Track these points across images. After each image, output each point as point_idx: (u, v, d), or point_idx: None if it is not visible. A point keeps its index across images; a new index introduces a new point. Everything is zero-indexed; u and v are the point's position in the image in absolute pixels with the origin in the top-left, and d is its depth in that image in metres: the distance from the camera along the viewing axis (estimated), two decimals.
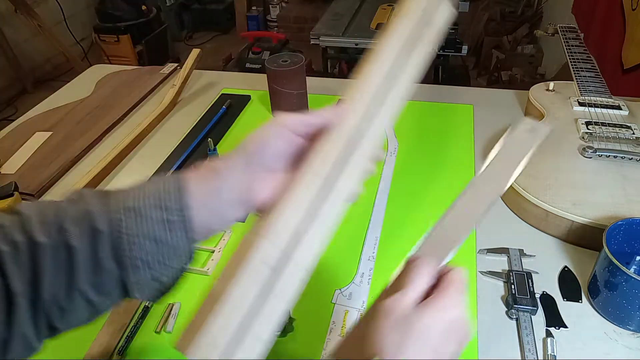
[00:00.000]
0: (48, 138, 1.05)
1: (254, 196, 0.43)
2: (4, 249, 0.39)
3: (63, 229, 0.40)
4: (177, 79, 1.19)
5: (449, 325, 0.37)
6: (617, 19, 1.59)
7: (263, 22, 3.93)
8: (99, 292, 0.41)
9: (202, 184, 0.43)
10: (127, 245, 0.41)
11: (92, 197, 0.43)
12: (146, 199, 0.42)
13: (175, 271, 0.43)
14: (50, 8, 3.20)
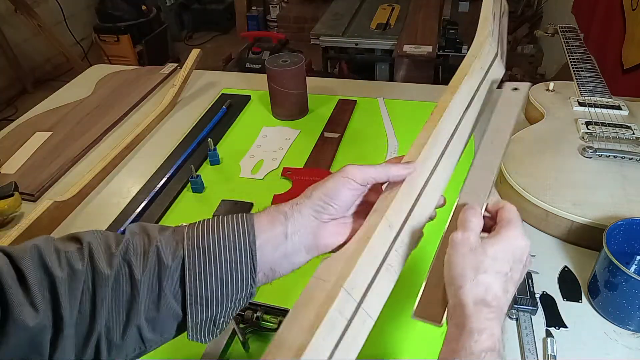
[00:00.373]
0: (48, 138, 1.05)
1: (319, 242, 0.46)
2: (59, 275, 0.38)
3: (128, 262, 0.40)
4: (177, 79, 1.19)
5: (518, 253, 0.42)
6: (617, 19, 1.59)
7: (263, 22, 3.93)
8: (154, 329, 0.42)
9: (270, 228, 0.44)
10: (192, 282, 0.41)
11: (156, 231, 0.43)
12: (215, 238, 0.42)
13: (232, 312, 0.44)
14: (50, 8, 3.20)
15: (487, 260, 0.40)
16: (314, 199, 0.45)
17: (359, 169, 0.45)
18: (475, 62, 0.55)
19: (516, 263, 0.42)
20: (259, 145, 1.01)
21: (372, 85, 1.26)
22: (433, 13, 2.48)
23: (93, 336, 0.39)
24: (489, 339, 0.37)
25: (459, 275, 0.40)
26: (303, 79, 1.07)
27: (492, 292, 0.39)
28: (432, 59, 2.09)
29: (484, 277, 0.40)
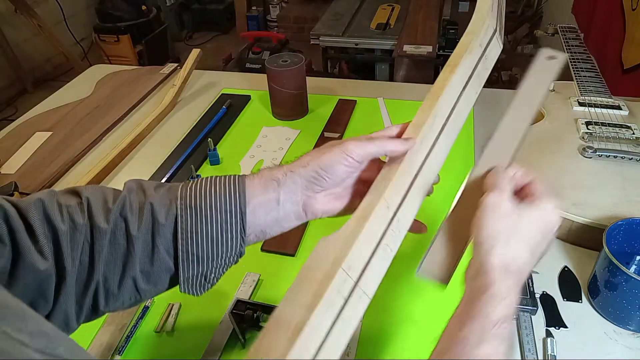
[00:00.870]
0: (48, 138, 1.05)
1: (308, 210, 0.47)
2: (62, 228, 0.41)
3: (124, 218, 0.43)
4: (177, 79, 1.19)
5: (550, 227, 0.42)
6: (617, 19, 1.59)
7: (263, 22, 3.93)
8: (148, 281, 0.44)
9: (263, 193, 0.46)
10: (184, 240, 0.43)
11: (152, 189, 0.45)
12: (207, 199, 0.44)
13: (223, 269, 0.46)
14: (50, 8, 3.19)
15: (523, 227, 0.40)
16: (309, 169, 0.45)
17: (358, 146, 0.45)
18: (474, 39, 0.54)
19: (545, 235, 0.42)
20: (259, 145, 1.01)
21: (372, 85, 1.26)
22: (433, 13, 2.48)
23: (92, 285, 0.42)
24: (508, 307, 0.37)
25: (490, 237, 0.40)
26: (303, 79, 1.07)
27: (518, 261, 0.40)
28: (432, 59, 2.09)
29: (516, 243, 0.40)
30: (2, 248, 0.38)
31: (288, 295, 0.39)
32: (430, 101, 0.49)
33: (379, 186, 0.44)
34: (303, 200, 0.47)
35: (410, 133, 0.47)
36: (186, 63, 1.21)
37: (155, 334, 0.65)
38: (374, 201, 0.43)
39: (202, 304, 0.68)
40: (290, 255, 0.75)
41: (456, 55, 0.53)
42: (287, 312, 0.38)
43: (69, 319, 0.42)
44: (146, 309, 0.67)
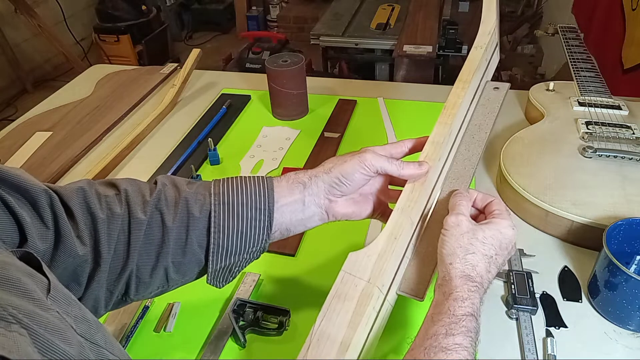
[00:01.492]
0: (48, 138, 1.05)
1: (330, 213, 0.52)
2: (101, 216, 0.44)
3: (160, 210, 0.46)
4: (177, 79, 1.19)
5: (505, 241, 0.47)
6: (617, 19, 1.59)
7: (263, 22, 3.93)
8: (178, 271, 0.47)
9: (290, 194, 0.50)
10: (216, 233, 0.47)
11: (184, 185, 0.49)
12: (239, 197, 0.48)
13: (246, 262, 0.50)
14: (50, 8, 3.19)
15: (477, 244, 0.46)
16: (332, 175, 0.50)
17: (376, 159, 0.50)
18: (483, 55, 0.58)
19: (502, 249, 0.47)
20: (259, 145, 1.01)
21: (372, 85, 1.26)
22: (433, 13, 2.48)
23: (125, 273, 0.45)
24: (470, 307, 0.43)
25: (450, 254, 0.45)
26: (303, 79, 1.07)
27: (476, 270, 0.45)
28: (432, 59, 2.09)
29: (472, 257, 0.45)
30: (46, 232, 0.40)
31: (327, 311, 0.42)
32: (446, 117, 0.54)
33: (404, 207, 0.49)
34: (325, 203, 0.51)
35: (429, 153, 0.52)
36: (186, 63, 1.21)
37: (155, 334, 0.65)
38: (401, 220, 0.48)
39: (202, 304, 0.68)
40: (290, 255, 0.75)
41: (467, 71, 0.57)
42: (332, 329, 0.42)
43: (98, 305, 0.45)
44: (146, 308, 0.67)
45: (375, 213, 0.56)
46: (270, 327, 0.63)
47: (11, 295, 0.27)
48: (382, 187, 0.55)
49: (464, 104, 0.55)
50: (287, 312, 0.64)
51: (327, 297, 0.43)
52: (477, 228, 0.46)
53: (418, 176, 0.51)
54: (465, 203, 0.48)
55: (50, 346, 0.27)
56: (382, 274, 0.45)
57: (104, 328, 0.35)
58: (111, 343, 0.33)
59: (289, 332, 0.64)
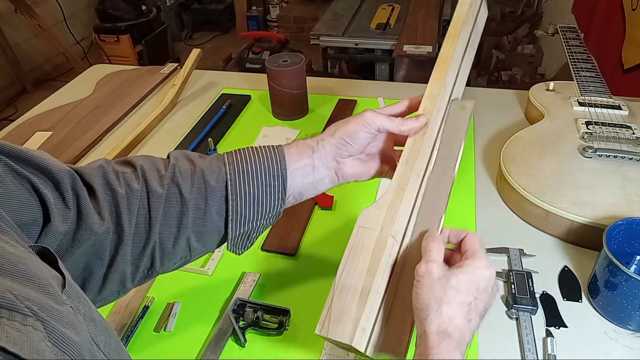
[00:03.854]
0: (48, 138, 1.05)
1: (340, 174, 0.53)
2: (120, 191, 0.45)
3: (176, 183, 0.47)
4: (177, 79, 1.19)
5: (483, 283, 0.43)
6: (617, 19, 1.59)
7: (263, 22, 3.93)
8: (199, 240, 0.49)
9: (299, 159, 0.51)
10: (234, 201, 0.48)
11: (198, 157, 0.50)
12: (252, 164, 0.49)
13: (263, 228, 0.52)
14: (50, 8, 3.19)
15: (451, 292, 0.41)
16: (336, 137, 0.52)
17: (377, 118, 0.51)
18: (468, 8, 0.58)
19: (480, 293, 0.43)
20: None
21: (372, 85, 1.26)
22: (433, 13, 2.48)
23: (149, 246, 0.46)
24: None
25: (424, 307, 0.42)
26: (303, 79, 1.07)
27: (454, 323, 0.41)
28: (432, 59, 2.09)
29: (447, 308, 0.41)
30: (67, 212, 0.41)
31: (346, 264, 0.44)
32: (439, 73, 0.55)
33: (409, 157, 0.51)
34: (334, 165, 0.53)
35: (426, 106, 0.54)
36: (186, 63, 1.21)
37: (155, 333, 0.65)
38: (407, 172, 0.50)
39: (202, 304, 0.68)
40: (291, 255, 0.75)
41: (454, 25, 0.58)
42: (351, 279, 0.43)
43: (125, 279, 0.46)
44: (146, 308, 0.67)
45: (384, 172, 0.57)
46: (270, 327, 0.63)
47: (27, 288, 0.28)
48: (387, 146, 0.56)
49: (455, 57, 0.56)
50: (287, 312, 0.64)
51: (345, 252, 0.45)
52: (449, 274, 0.42)
53: (418, 129, 0.52)
54: (436, 246, 0.44)
55: (64, 339, 0.27)
56: (394, 222, 0.46)
57: (109, 330, 0.35)
58: (109, 346, 0.33)
59: (289, 332, 0.64)
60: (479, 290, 0.43)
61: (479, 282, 0.43)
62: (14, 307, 0.25)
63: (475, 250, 0.45)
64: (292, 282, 0.71)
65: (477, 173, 0.89)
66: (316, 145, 0.52)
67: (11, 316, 0.25)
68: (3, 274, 0.27)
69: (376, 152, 0.56)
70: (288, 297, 0.69)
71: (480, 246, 0.45)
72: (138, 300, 0.68)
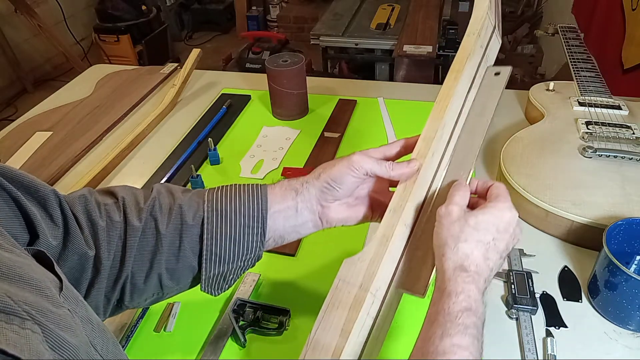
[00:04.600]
0: (48, 138, 1.05)
1: (324, 219, 0.51)
2: (101, 224, 0.44)
3: (154, 217, 0.46)
4: (177, 79, 1.19)
5: (503, 224, 0.43)
6: (617, 19, 1.59)
7: (263, 22, 3.93)
8: (172, 278, 0.47)
9: (282, 200, 0.50)
10: (209, 240, 0.47)
11: (180, 192, 0.49)
12: (232, 204, 0.48)
13: (241, 270, 0.49)
14: (50, 8, 3.19)
15: (468, 230, 0.43)
16: (322, 180, 0.50)
17: (364, 162, 0.49)
18: (476, 41, 0.54)
19: (500, 233, 0.43)
20: (259, 145, 1.01)
21: (372, 85, 1.26)
22: (433, 13, 2.48)
23: (121, 279, 0.45)
24: (465, 300, 0.40)
25: (442, 245, 0.43)
26: (303, 79, 1.07)
27: (471, 259, 0.42)
28: (432, 59, 2.09)
29: (464, 245, 0.42)
30: (56, 230, 0.41)
31: (322, 319, 0.42)
32: (438, 111, 0.51)
33: (396, 206, 0.47)
34: (319, 209, 0.51)
35: (420, 150, 0.50)
36: (186, 63, 1.21)
37: (155, 334, 0.65)
38: (393, 222, 0.46)
39: (202, 304, 0.68)
40: (290, 255, 0.75)
41: (459, 60, 0.53)
42: (325, 337, 0.41)
43: (98, 311, 0.45)
44: (146, 308, 0.67)
45: (375, 216, 0.54)
46: (270, 327, 0.63)
47: (25, 291, 0.28)
48: (378, 189, 0.54)
49: (457, 95, 0.52)
50: (287, 312, 0.64)
51: (323, 305, 0.43)
52: (469, 215, 0.44)
53: (409, 175, 0.49)
54: (461, 193, 0.45)
55: (62, 343, 0.27)
56: (375, 278, 0.43)
57: (107, 333, 0.35)
58: (107, 348, 0.33)
59: (289, 332, 0.64)
60: (499, 231, 0.43)
61: (499, 223, 0.43)
62: (12, 311, 0.25)
63: (499, 194, 0.45)
64: (292, 282, 0.71)
65: (477, 173, 0.89)
66: (300, 187, 0.50)
67: (9, 320, 0.25)
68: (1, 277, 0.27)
69: (366, 195, 0.54)
70: (288, 297, 0.69)
71: (505, 192, 0.46)
72: None
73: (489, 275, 0.43)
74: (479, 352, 0.39)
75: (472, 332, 0.39)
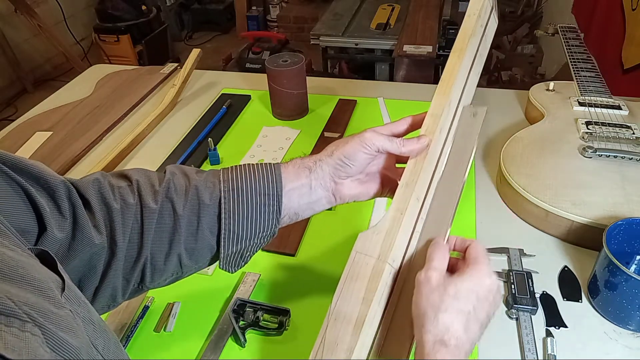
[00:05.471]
0: (48, 138, 1.05)
1: (337, 195, 0.52)
2: (115, 207, 0.45)
3: (170, 199, 0.47)
4: (177, 79, 1.19)
5: (483, 292, 0.42)
6: (617, 19, 1.59)
7: (263, 22, 3.93)
8: (191, 257, 0.48)
9: (296, 179, 0.50)
10: (226, 219, 0.48)
11: (194, 173, 0.50)
12: (247, 183, 0.49)
13: (257, 247, 0.51)
14: (50, 8, 3.19)
15: (448, 299, 0.40)
16: (335, 158, 0.51)
17: (376, 139, 0.50)
18: (476, 21, 0.56)
19: (480, 302, 0.41)
20: (259, 145, 1.01)
21: (372, 85, 1.26)
22: (433, 13, 2.48)
23: (140, 261, 0.45)
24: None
25: (421, 315, 0.41)
26: (303, 79, 1.07)
27: (451, 331, 0.40)
28: (432, 59, 2.09)
29: (444, 316, 0.40)
30: (64, 222, 0.41)
31: (341, 291, 0.43)
32: (444, 88, 0.53)
33: (409, 180, 0.49)
34: (332, 186, 0.51)
35: (429, 126, 0.51)
36: (186, 63, 1.21)
37: (155, 334, 0.65)
38: (406, 195, 0.48)
39: (202, 304, 0.68)
40: (290, 255, 0.75)
41: (461, 39, 0.55)
42: (346, 307, 0.43)
43: (116, 293, 0.46)
44: (146, 308, 0.67)
45: (385, 191, 0.55)
46: (270, 327, 0.63)
47: (27, 292, 0.28)
48: (388, 165, 0.55)
49: (461, 73, 0.54)
50: (287, 312, 0.64)
51: (341, 278, 0.44)
52: (448, 282, 0.42)
53: (419, 151, 0.50)
54: (439, 255, 0.44)
55: (63, 344, 0.27)
56: (392, 249, 0.45)
57: (109, 333, 0.35)
58: (109, 348, 0.33)
59: (289, 332, 0.64)
60: (479, 299, 0.41)
61: (479, 290, 0.42)
62: (12, 313, 0.25)
63: (477, 258, 0.44)
64: (292, 282, 0.71)
65: (477, 173, 0.89)
66: (314, 166, 0.51)
67: (9, 322, 0.25)
68: (2, 278, 0.27)
69: (376, 171, 0.55)
70: (288, 297, 0.69)
71: (483, 254, 0.44)
72: (138, 300, 0.68)
73: (469, 348, 0.41)
74: None
75: None
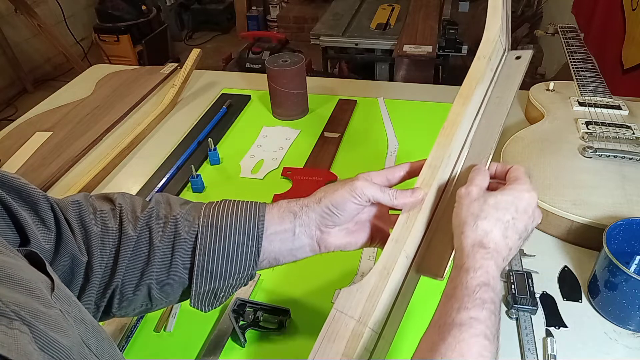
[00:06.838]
0: (48, 138, 1.05)
1: (322, 245, 0.50)
2: (95, 231, 0.44)
3: (149, 227, 0.46)
4: (177, 78, 1.19)
5: (522, 204, 0.44)
6: (617, 19, 1.59)
7: (263, 22, 3.93)
8: (161, 290, 0.46)
9: (280, 223, 0.48)
10: (201, 256, 0.46)
11: (178, 205, 0.48)
12: (227, 220, 0.47)
13: (233, 288, 0.48)
14: (50, 8, 3.19)
15: (487, 208, 0.43)
16: (322, 205, 0.48)
17: (367, 188, 0.47)
18: (486, 65, 0.52)
19: (519, 213, 0.44)
20: (259, 145, 1.01)
21: (372, 85, 1.26)
22: (433, 13, 2.48)
23: (110, 288, 0.44)
24: (483, 276, 0.40)
25: (461, 223, 0.43)
26: (303, 79, 1.07)
27: (490, 236, 0.42)
28: (432, 59, 2.09)
29: (483, 222, 0.42)
30: (49, 234, 0.41)
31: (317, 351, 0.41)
32: (444, 138, 0.50)
33: (399, 237, 0.46)
34: (317, 234, 0.49)
35: (425, 178, 0.49)
36: (186, 63, 1.21)
37: (155, 334, 0.65)
38: (394, 253, 0.45)
39: None
40: None
41: (468, 85, 0.52)
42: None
43: None
44: None
45: (375, 241, 0.52)
46: (270, 327, 0.63)
47: (15, 292, 0.28)
48: (379, 214, 0.52)
49: (465, 121, 0.51)
50: (287, 312, 0.64)
51: (319, 335, 0.41)
52: (488, 195, 0.44)
53: (413, 205, 0.47)
54: (480, 176, 0.46)
55: (52, 343, 0.27)
56: (374, 312, 0.42)
57: (101, 332, 0.35)
58: (102, 347, 0.33)
59: (289, 331, 0.64)
60: (518, 211, 0.44)
61: (519, 203, 0.44)
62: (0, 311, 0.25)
63: (518, 176, 0.46)
64: (292, 282, 0.71)
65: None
66: (299, 211, 0.48)
67: None
68: None
69: (366, 220, 0.52)
70: (288, 297, 0.68)
71: (523, 174, 0.46)
72: None
73: (508, 255, 0.43)
74: (495, 327, 0.39)
75: (490, 307, 0.39)
